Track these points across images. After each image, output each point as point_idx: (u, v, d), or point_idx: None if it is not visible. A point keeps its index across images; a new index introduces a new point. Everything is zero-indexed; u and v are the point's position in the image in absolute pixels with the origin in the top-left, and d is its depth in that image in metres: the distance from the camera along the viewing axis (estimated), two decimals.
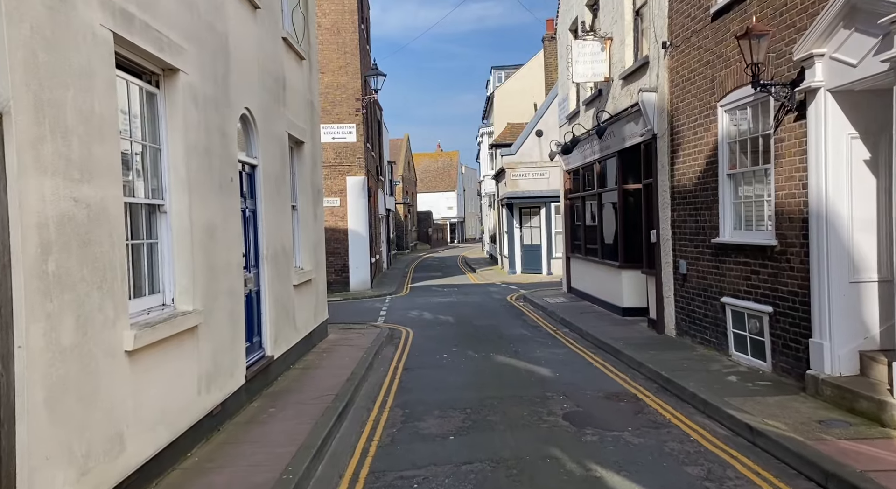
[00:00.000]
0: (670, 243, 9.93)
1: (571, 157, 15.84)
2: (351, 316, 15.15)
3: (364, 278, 20.80)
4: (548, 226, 23.48)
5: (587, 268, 15.16)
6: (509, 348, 10.36)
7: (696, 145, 8.94)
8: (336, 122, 20.31)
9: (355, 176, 20.51)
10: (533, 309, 15.40)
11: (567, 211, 17.27)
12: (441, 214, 73.68)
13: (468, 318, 14.03)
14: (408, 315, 15.03)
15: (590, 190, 14.89)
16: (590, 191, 14.88)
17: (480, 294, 19.25)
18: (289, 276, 9.04)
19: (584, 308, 14.17)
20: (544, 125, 23.33)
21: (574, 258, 16.64)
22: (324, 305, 11.49)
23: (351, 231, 20.55)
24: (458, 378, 8.41)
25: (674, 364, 8.06)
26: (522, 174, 23.58)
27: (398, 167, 51.85)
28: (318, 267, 11.17)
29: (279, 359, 8.36)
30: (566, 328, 12.30)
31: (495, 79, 32.61)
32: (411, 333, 12.36)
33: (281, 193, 8.82)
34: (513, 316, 14.33)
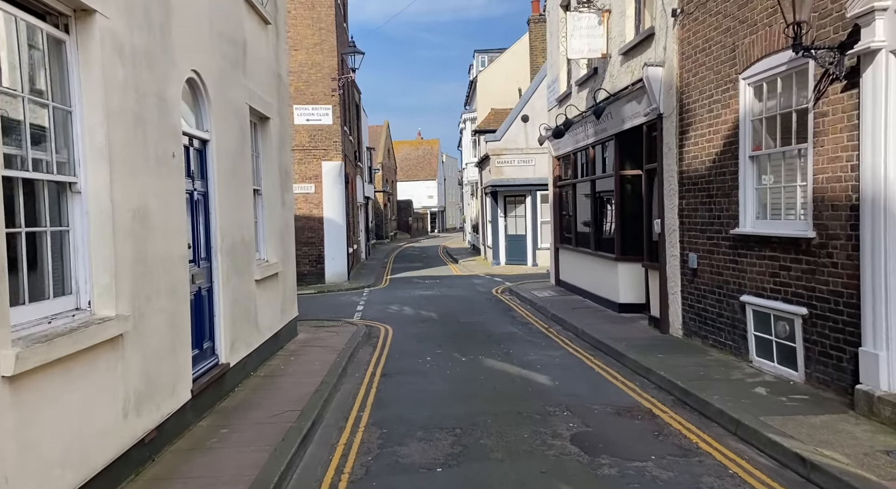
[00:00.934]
0: (677, 234, 8.97)
1: (562, 141, 14.82)
2: (325, 311, 14.02)
3: (340, 270, 19.66)
4: (533, 215, 22.51)
5: (578, 261, 14.19)
6: (500, 349, 9.34)
7: (711, 124, 7.95)
8: (311, 103, 19.07)
9: (331, 160, 19.30)
10: (521, 303, 14.42)
11: (556, 199, 16.28)
12: (421, 203, 72.53)
13: (453, 314, 12.99)
14: (387, 310, 13.96)
15: (582, 177, 13.89)
16: (582, 178, 13.88)
17: (464, 286, 18.22)
18: (249, 270, 7.91)
19: (576, 303, 13.21)
20: (531, 110, 22.29)
21: (563, 249, 15.67)
22: (293, 301, 10.37)
23: (326, 219, 19.38)
24: (443, 387, 7.36)
25: (688, 371, 7.10)
26: (507, 161, 22.54)
27: (377, 154, 50.54)
28: (287, 259, 10.03)
29: (237, 367, 7.25)
30: (559, 325, 11.32)
31: (478, 63, 31.46)
32: (391, 331, 11.29)
33: (240, 175, 7.66)
34: (500, 311, 13.33)
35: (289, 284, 10.12)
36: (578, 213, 14.50)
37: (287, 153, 10.36)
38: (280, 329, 9.34)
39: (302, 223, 19.11)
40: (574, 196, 14.64)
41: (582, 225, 14.31)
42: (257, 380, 7.62)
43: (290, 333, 10.03)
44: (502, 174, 22.67)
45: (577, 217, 14.56)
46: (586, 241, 13.77)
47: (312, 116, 19.09)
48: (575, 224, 14.65)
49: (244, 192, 7.86)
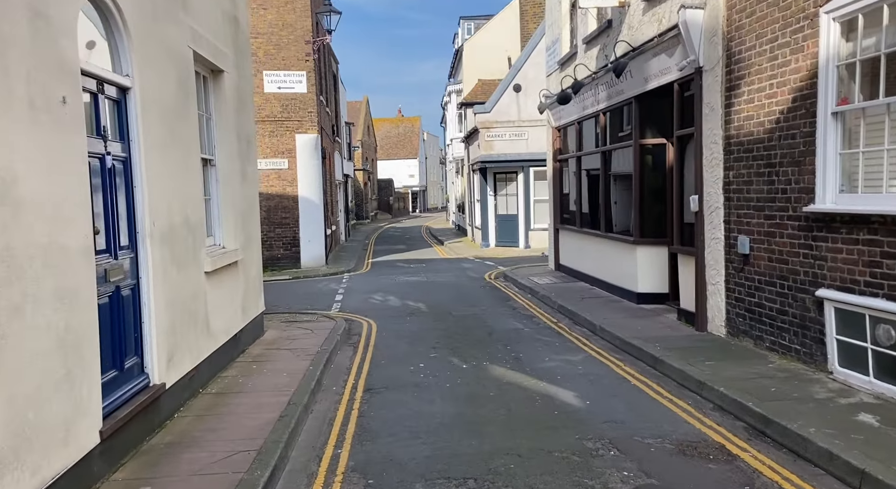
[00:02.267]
0: (721, 212, 7.44)
1: (565, 109, 13.19)
2: (300, 300, 12.37)
3: (318, 253, 17.96)
4: (526, 193, 20.94)
5: (584, 244, 12.66)
6: (506, 352, 7.80)
7: (774, 75, 6.39)
8: (282, 69, 17.19)
9: (306, 133, 17.49)
10: (519, 291, 12.88)
11: (556, 175, 14.69)
12: (402, 183, 70.67)
13: (444, 305, 11.42)
14: (370, 300, 12.34)
15: (590, 149, 12.30)
16: (590, 150, 12.29)
17: (453, 271, 16.65)
18: (197, 260, 6.23)
19: (583, 291, 11.70)
20: (523, 79, 20.61)
21: (565, 231, 14.13)
22: (257, 294, 8.71)
23: (302, 198, 17.62)
24: (444, 408, 5.80)
25: (753, 386, 5.62)
26: (498, 135, 20.88)
27: (357, 131, 48.52)
28: (250, 244, 8.35)
29: (179, 385, 5.61)
30: (569, 319, 9.81)
31: (464, 31, 29.55)
32: (374, 327, 9.70)
33: (181, 138, 5.95)
34: (498, 301, 11.78)
35: (252, 274, 8.45)
36: (584, 190, 12.94)
37: (248, 117, 8.62)
38: (241, 329, 7.70)
39: (275, 202, 17.39)
40: (579, 171, 13.06)
41: (588, 203, 12.76)
42: (207, 399, 5.99)
43: (254, 332, 8.39)
44: (492, 149, 21.02)
45: (583, 194, 13.00)
46: (594, 221, 12.23)
47: (284, 84, 17.23)
48: (580, 202, 13.09)
49: (189, 160, 6.15)
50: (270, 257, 17.48)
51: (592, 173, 12.44)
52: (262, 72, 17.05)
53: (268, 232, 17.44)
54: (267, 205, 17.39)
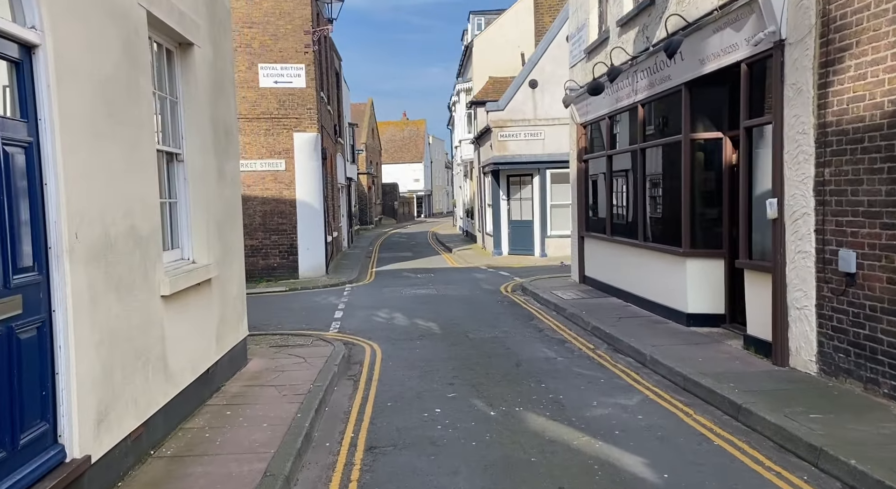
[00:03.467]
0: (811, 220, 5.96)
1: (593, 103, 11.74)
2: (295, 317, 10.93)
3: (317, 262, 16.52)
4: (542, 197, 19.46)
5: (617, 254, 11.18)
6: (542, 392, 6.32)
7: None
8: (279, 62, 15.79)
9: (305, 132, 16.07)
10: (542, 307, 11.40)
11: (581, 177, 13.22)
12: (407, 187, 69.30)
13: (459, 324, 9.95)
14: (373, 318, 10.87)
15: (625, 146, 10.84)
16: (625, 148, 10.83)
17: (465, 282, 15.17)
18: (148, 281, 4.79)
19: (618, 309, 10.23)
20: (539, 74, 19.17)
21: (592, 239, 12.66)
22: (239, 317, 7.26)
23: (300, 202, 16.19)
24: (472, 484, 4.32)
25: None
26: (512, 134, 19.43)
27: (361, 133, 47.21)
28: (229, 256, 6.91)
29: (116, 453, 4.16)
30: (607, 344, 8.33)
31: (474, 26, 28.14)
32: (378, 354, 8.25)
33: (125, 122, 4.52)
34: (520, 320, 10.30)
35: (232, 293, 7.01)
36: (617, 194, 11.47)
37: (228, 104, 7.19)
38: (215, 363, 6.25)
39: (270, 207, 15.97)
40: (610, 172, 11.58)
41: (622, 209, 11.29)
42: (157, 467, 4.53)
43: (234, 364, 6.94)
44: (506, 150, 19.56)
45: (615, 199, 11.53)
46: (630, 228, 10.75)
47: (282, 78, 15.82)
48: (611, 207, 11.62)
49: (138, 153, 4.71)
50: (266, 267, 16.06)
51: (627, 174, 10.98)
52: (256, 65, 15.68)
53: (263, 239, 16.04)
54: (262, 209, 15.99)
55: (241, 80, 15.61)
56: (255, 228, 16.00)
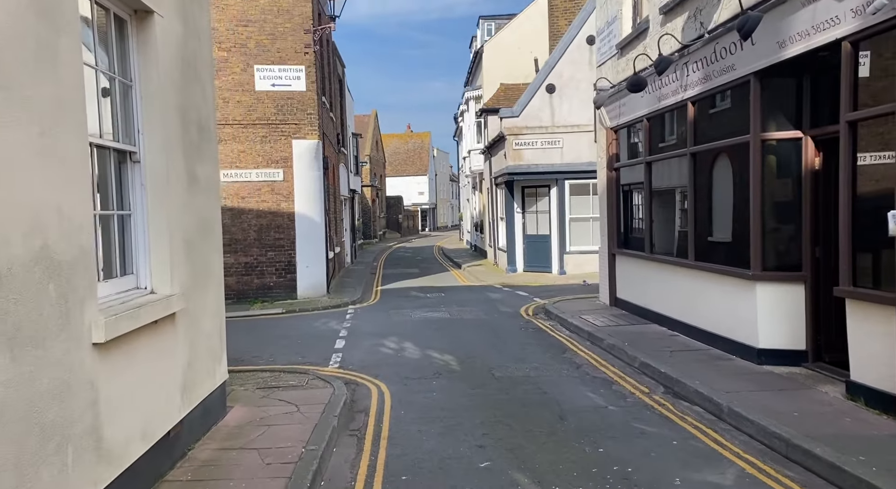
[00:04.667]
0: None
1: (629, 102, 10.39)
2: (290, 347, 9.51)
3: (317, 280, 15.11)
4: (560, 210, 18.05)
5: (659, 275, 9.75)
6: (603, 462, 4.87)
7: None
8: (277, 63, 14.49)
9: (305, 138, 14.74)
10: (573, 335, 9.96)
11: (611, 187, 11.83)
12: (411, 200, 68.05)
13: (480, 357, 8.52)
14: (380, 348, 9.44)
15: (670, 151, 9.45)
16: (669, 153, 9.44)
17: (480, 304, 13.73)
18: (70, 326, 3.39)
19: (663, 339, 8.80)
20: (557, 78, 17.85)
21: (626, 257, 11.25)
22: (215, 359, 5.85)
23: (299, 216, 14.83)
24: None
25: None
26: (528, 142, 18.08)
27: (365, 145, 46.04)
28: (202, 281, 5.52)
29: None
30: (664, 386, 6.89)
31: (483, 32, 26.91)
32: (387, 398, 6.82)
33: (27, 97, 3.13)
34: (551, 352, 8.85)
35: (205, 329, 5.60)
36: (658, 205, 10.07)
37: (204, 94, 5.83)
38: (179, 423, 4.83)
39: (267, 220, 14.61)
40: (649, 180, 10.19)
41: (665, 222, 9.89)
42: None
43: (207, 418, 5.51)
44: (521, 159, 18.19)
45: (656, 211, 10.12)
46: (677, 245, 9.35)
47: (280, 80, 14.52)
48: (650, 221, 10.20)
49: (52, 142, 3.33)
50: (261, 286, 14.67)
51: (671, 183, 9.59)
52: (252, 66, 14.39)
53: (258, 256, 14.66)
54: (257, 223, 14.63)
55: (236, 83, 14.32)
56: (250, 244, 14.62)
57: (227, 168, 14.40)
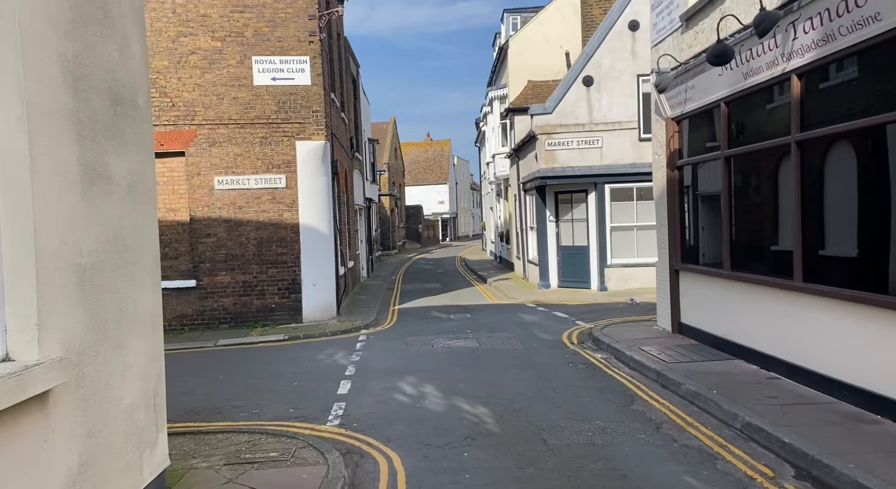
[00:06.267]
0: None
1: (699, 85, 8.40)
2: (283, 391, 7.59)
3: (326, 301, 13.24)
4: (600, 218, 16.00)
5: (748, 298, 7.69)
6: None
7: None
8: (278, 54, 12.72)
9: (311, 139, 12.92)
10: (634, 373, 7.92)
11: (673, 189, 9.80)
12: (431, 209, 66.30)
13: (523, 411, 6.52)
14: (394, 394, 7.49)
15: (760, 141, 7.40)
16: (759, 143, 7.40)
17: (512, 327, 11.73)
18: None
19: (760, 383, 6.75)
20: (595, 69, 15.86)
21: (694, 273, 9.20)
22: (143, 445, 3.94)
23: (304, 227, 12.99)
24: None
25: None
26: (563, 142, 16.07)
27: (383, 153, 44.39)
28: (118, 330, 3.62)
29: None
30: (795, 467, 4.84)
31: (508, 27, 25.01)
32: (401, 482, 4.86)
33: None
34: (614, 401, 6.82)
35: (120, 405, 3.72)
36: (740, 210, 8.01)
37: (123, 51, 3.96)
38: None
39: (267, 233, 12.80)
40: (729, 180, 8.14)
41: (749, 231, 7.84)
42: None
43: None
44: (555, 161, 16.19)
45: (737, 217, 8.07)
46: (772, 261, 7.30)
47: (281, 74, 12.74)
48: (730, 229, 8.15)
49: None
50: (261, 308, 12.83)
51: (761, 182, 7.55)
52: (250, 57, 12.63)
53: (258, 274, 12.83)
54: (257, 237, 12.81)
55: (231, 77, 12.57)
56: (249, 260, 12.81)
57: (221, 174, 12.64)
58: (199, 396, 7.67)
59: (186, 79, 12.46)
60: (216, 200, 12.66)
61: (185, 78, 12.45)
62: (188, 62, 12.45)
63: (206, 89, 12.52)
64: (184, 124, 12.49)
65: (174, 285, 12.55)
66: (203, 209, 12.62)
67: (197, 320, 12.67)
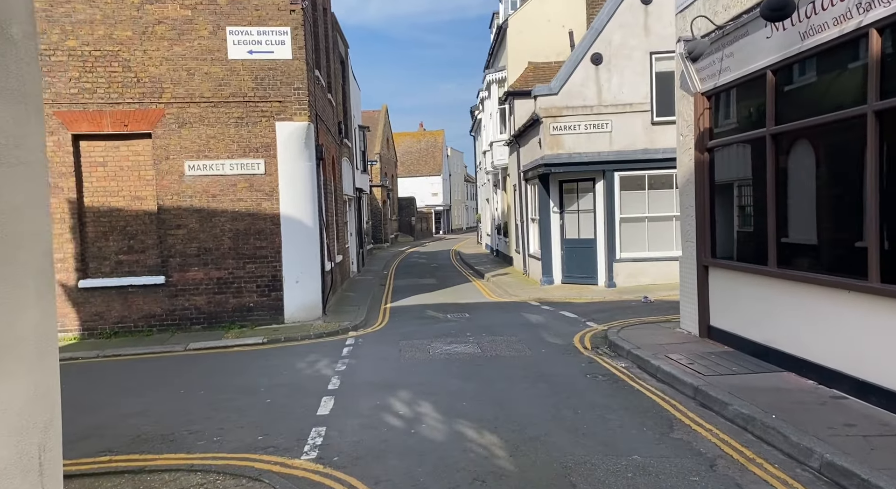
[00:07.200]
0: None
1: (739, 52, 7.21)
2: (253, 411, 6.36)
3: (310, 299, 12.01)
4: (608, 208, 14.82)
5: (798, 301, 6.52)
6: None
7: None
8: (255, 25, 11.42)
9: (292, 120, 11.64)
10: (666, 388, 6.75)
11: (702, 173, 8.62)
12: (425, 202, 65.05)
13: (543, 443, 5.33)
14: (384, 416, 6.27)
15: (822, 114, 6.20)
16: (820, 116, 6.20)
17: (517, 330, 10.55)
18: None
19: (824, 404, 5.61)
20: (604, 46, 14.63)
21: (728, 270, 8.04)
22: None
23: (286, 218, 11.73)
24: None
25: None
26: (569, 126, 14.85)
27: (375, 143, 43.04)
28: None
29: None
30: None
31: (507, 5, 23.65)
32: None
33: None
34: (651, 427, 5.64)
35: None
36: (795, 196, 6.82)
37: None
38: None
39: (244, 224, 11.55)
40: (776, 162, 6.95)
41: (803, 221, 6.66)
42: None
43: None
44: (560, 147, 14.96)
45: (791, 205, 6.88)
46: (834, 256, 6.12)
47: (259, 46, 11.44)
48: (779, 220, 6.97)
49: None
50: (238, 307, 11.60)
51: (822, 165, 6.36)
52: (224, 28, 11.33)
53: (234, 269, 11.58)
54: (233, 228, 11.55)
55: (203, 50, 11.27)
56: (224, 254, 11.55)
57: (193, 158, 11.36)
58: (152, 417, 6.45)
59: (153, 51, 11.15)
60: (187, 188, 11.38)
61: (151, 50, 11.14)
62: (154, 33, 11.13)
63: (174, 63, 11.21)
64: (150, 102, 11.19)
65: (140, 282, 11.29)
66: (172, 197, 11.35)
67: (166, 321, 11.42)
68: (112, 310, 11.27)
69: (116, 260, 11.37)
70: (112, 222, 11.32)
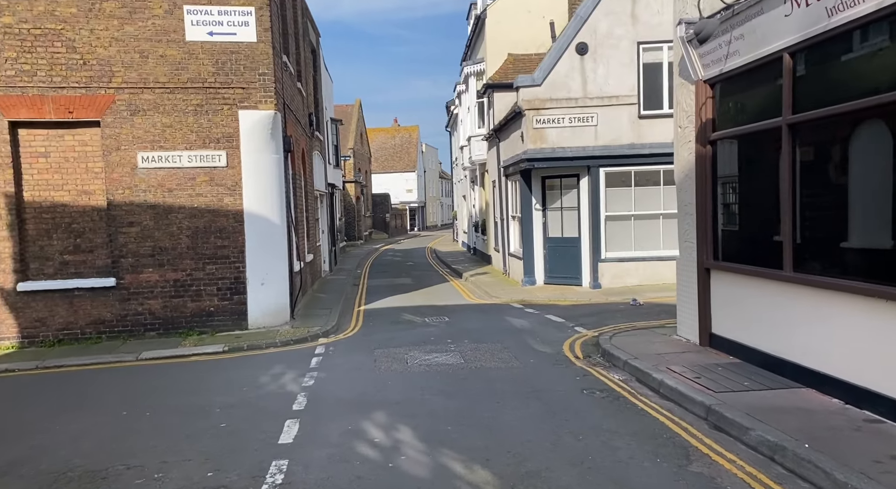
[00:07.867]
0: None
1: (749, 34, 6.52)
2: (203, 437, 5.45)
3: (276, 303, 11.08)
4: (593, 206, 14.14)
5: (818, 310, 5.86)
6: None
7: None
8: (216, 3, 10.44)
9: (257, 108, 10.69)
10: (674, 407, 6.04)
11: (705, 167, 7.93)
12: (399, 198, 64.14)
13: (544, 481, 4.55)
14: (356, 447, 5.42)
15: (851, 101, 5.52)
16: (849, 103, 5.51)
17: (501, 336, 9.78)
18: None
19: (858, 428, 4.95)
20: (590, 36, 13.92)
21: (733, 273, 7.37)
22: None
23: (250, 215, 10.78)
24: None
25: None
26: (553, 119, 14.12)
27: (348, 137, 42.01)
28: None
29: None
30: None
31: None
32: None
33: None
34: (666, 459, 4.89)
35: None
36: (807, 195, 6.15)
37: None
38: None
39: (204, 221, 10.59)
40: (792, 155, 6.27)
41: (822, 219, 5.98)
42: None
43: None
44: (543, 141, 14.23)
45: (804, 203, 6.21)
46: (864, 261, 5.45)
47: (220, 27, 10.46)
48: (793, 217, 6.29)
49: None
50: (197, 312, 10.63)
51: (849, 159, 5.68)
52: (181, 7, 10.32)
53: (192, 270, 10.61)
54: (191, 226, 10.58)
55: (158, 30, 10.26)
56: (182, 254, 10.57)
57: (147, 149, 10.35)
58: (85, 449, 5.52)
59: (101, 31, 10.10)
60: (140, 181, 10.37)
61: (99, 30, 10.09)
62: (103, 10, 10.08)
63: (126, 44, 10.18)
64: (98, 87, 10.14)
65: (88, 284, 10.25)
66: (124, 192, 10.33)
67: (117, 327, 10.40)
68: (56, 315, 10.21)
69: (61, 260, 10.31)
70: (56, 219, 10.26)
